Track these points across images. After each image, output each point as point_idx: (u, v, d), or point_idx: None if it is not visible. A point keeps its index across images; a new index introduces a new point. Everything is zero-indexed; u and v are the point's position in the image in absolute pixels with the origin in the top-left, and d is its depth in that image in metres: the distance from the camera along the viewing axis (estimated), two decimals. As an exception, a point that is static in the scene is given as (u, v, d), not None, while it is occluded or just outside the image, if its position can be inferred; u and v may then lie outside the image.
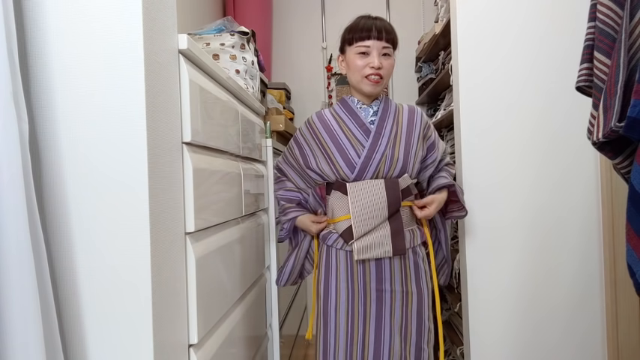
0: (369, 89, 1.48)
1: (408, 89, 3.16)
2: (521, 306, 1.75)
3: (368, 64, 1.45)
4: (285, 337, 1.99)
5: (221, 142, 1.18)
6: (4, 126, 0.65)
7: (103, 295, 0.80)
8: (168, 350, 0.86)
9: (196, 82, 1.01)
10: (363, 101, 1.54)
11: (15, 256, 0.66)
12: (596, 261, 1.73)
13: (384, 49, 1.47)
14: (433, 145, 1.60)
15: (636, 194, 0.86)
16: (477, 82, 1.75)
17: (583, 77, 1.04)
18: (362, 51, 1.46)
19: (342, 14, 1.56)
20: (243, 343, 1.33)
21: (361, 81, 1.48)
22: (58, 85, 0.79)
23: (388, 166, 1.47)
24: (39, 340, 0.68)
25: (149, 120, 0.80)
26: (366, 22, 1.48)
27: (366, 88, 1.49)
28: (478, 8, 1.75)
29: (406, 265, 1.51)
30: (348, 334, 1.49)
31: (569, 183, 1.74)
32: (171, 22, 0.93)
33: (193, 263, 0.97)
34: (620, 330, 1.67)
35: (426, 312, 1.52)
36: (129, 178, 0.79)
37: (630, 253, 0.89)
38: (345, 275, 1.51)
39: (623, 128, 0.86)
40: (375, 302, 1.49)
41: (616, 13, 0.96)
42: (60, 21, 0.78)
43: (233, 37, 1.60)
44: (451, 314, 2.38)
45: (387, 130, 1.50)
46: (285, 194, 1.66)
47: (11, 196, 0.65)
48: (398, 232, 1.46)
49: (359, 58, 1.47)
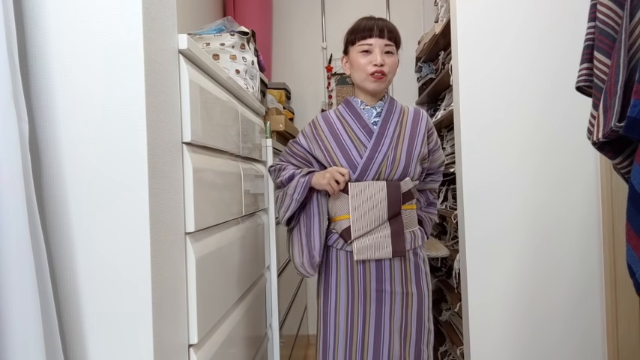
0: (373, 86, 1.48)
1: (408, 89, 3.16)
2: (521, 306, 1.75)
3: (371, 61, 1.46)
4: (285, 337, 1.99)
5: (221, 142, 1.18)
6: (4, 126, 0.65)
7: (103, 295, 0.80)
8: (168, 350, 0.86)
9: (196, 82, 1.01)
10: (366, 102, 1.54)
11: (15, 256, 0.66)
12: (596, 260, 1.74)
13: (387, 46, 1.47)
14: (433, 149, 1.59)
15: (636, 194, 0.86)
16: (477, 82, 1.76)
17: (583, 77, 1.05)
18: (364, 49, 1.47)
19: (342, 14, 1.56)
20: (243, 343, 1.33)
21: (365, 79, 1.48)
22: (58, 85, 0.79)
23: (390, 167, 1.47)
24: (39, 340, 0.68)
25: (149, 120, 0.80)
26: (368, 22, 1.49)
27: (370, 86, 1.49)
28: (478, 8, 1.76)
29: (406, 266, 1.51)
30: (347, 334, 1.50)
31: (569, 182, 1.74)
32: (171, 22, 0.93)
33: (193, 263, 0.97)
34: (620, 330, 1.67)
35: (426, 313, 1.52)
36: (129, 178, 0.79)
37: (630, 253, 0.89)
38: (345, 275, 1.51)
39: (623, 128, 0.86)
40: (375, 303, 1.49)
41: (616, 13, 0.96)
42: (60, 21, 0.78)
43: (233, 37, 1.60)
44: (451, 314, 2.38)
45: (389, 131, 1.50)
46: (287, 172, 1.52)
47: (11, 196, 0.65)
48: (398, 233, 1.46)
49: (362, 57, 1.47)
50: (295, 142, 1.60)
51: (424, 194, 1.66)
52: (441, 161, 1.64)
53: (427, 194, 1.66)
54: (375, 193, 1.46)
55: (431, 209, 1.67)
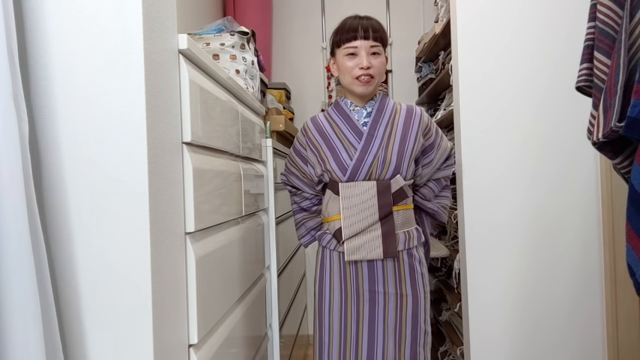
0: (361, 90, 1.48)
1: (408, 89, 3.16)
2: (521, 306, 1.75)
3: (357, 65, 1.45)
4: (285, 337, 1.99)
5: (221, 142, 1.18)
6: (4, 126, 0.65)
7: (103, 295, 0.80)
8: (169, 350, 0.86)
9: (196, 82, 1.01)
10: (356, 103, 1.54)
11: (15, 256, 0.66)
12: (596, 260, 1.73)
13: (373, 48, 1.45)
14: (432, 146, 1.58)
15: (636, 194, 0.86)
16: (477, 82, 1.75)
17: (583, 77, 1.05)
18: (350, 52, 1.46)
19: (342, 14, 1.55)
20: (243, 343, 1.33)
21: (352, 82, 1.47)
22: (58, 85, 0.79)
23: (381, 167, 1.46)
24: (39, 339, 0.68)
25: (149, 120, 0.80)
26: (352, 22, 1.47)
27: (357, 89, 1.48)
28: (478, 8, 1.75)
29: (400, 267, 1.50)
30: (341, 334, 1.50)
31: (569, 182, 1.74)
32: (171, 22, 0.93)
33: (193, 263, 0.97)
34: (620, 329, 1.67)
35: (422, 315, 1.51)
36: (129, 178, 0.79)
37: (630, 253, 0.89)
38: (338, 276, 1.51)
39: (623, 128, 0.86)
40: (368, 303, 1.49)
41: (616, 13, 0.96)
42: (60, 21, 0.78)
43: (233, 37, 1.60)
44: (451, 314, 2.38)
45: (379, 131, 1.49)
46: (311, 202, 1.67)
47: (11, 196, 0.65)
48: (389, 234, 1.46)
49: (348, 60, 1.46)
50: (291, 160, 1.65)
51: (438, 182, 1.65)
52: (449, 148, 1.64)
53: (441, 181, 1.65)
54: (365, 193, 1.46)
55: (443, 194, 1.66)
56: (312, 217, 1.67)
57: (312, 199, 1.65)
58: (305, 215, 1.67)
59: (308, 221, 1.67)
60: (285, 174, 1.70)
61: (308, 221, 1.67)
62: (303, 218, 1.68)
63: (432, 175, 1.62)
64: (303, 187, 1.64)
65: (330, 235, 1.52)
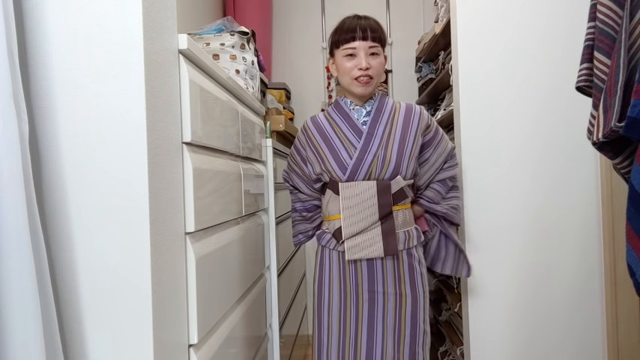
0: (360, 90, 1.48)
1: (408, 89, 3.15)
2: (521, 306, 1.75)
3: (356, 65, 1.45)
4: (285, 337, 1.99)
5: (221, 142, 1.18)
6: (4, 126, 0.65)
7: (103, 295, 0.80)
8: (169, 350, 0.86)
9: (196, 82, 1.01)
10: (355, 102, 1.54)
11: (15, 256, 0.66)
12: (596, 260, 1.74)
13: (371, 48, 1.45)
14: (428, 143, 1.56)
15: (636, 194, 0.86)
16: (477, 82, 1.76)
17: (583, 77, 1.05)
18: (349, 53, 1.46)
19: (342, 14, 1.55)
20: (243, 343, 1.33)
21: (351, 83, 1.48)
22: (58, 85, 0.79)
23: (380, 167, 1.46)
24: (39, 340, 0.68)
25: (149, 120, 0.80)
26: (351, 22, 1.47)
27: (357, 90, 1.48)
28: (478, 8, 1.76)
29: (399, 267, 1.50)
30: (340, 334, 1.50)
31: (569, 182, 1.74)
32: (171, 22, 0.93)
33: (193, 263, 0.97)
34: (620, 329, 1.67)
35: (422, 315, 1.51)
36: (129, 178, 0.79)
37: (630, 253, 0.89)
38: (337, 275, 1.51)
39: (623, 128, 0.86)
40: (368, 303, 1.49)
41: (616, 13, 0.96)
42: (60, 21, 0.78)
43: (233, 37, 1.60)
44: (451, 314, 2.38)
45: (379, 130, 1.49)
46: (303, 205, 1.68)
47: (11, 196, 0.65)
48: (389, 233, 1.46)
49: (347, 61, 1.46)
50: (292, 158, 1.66)
51: (444, 183, 1.63)
52: (449, 149, 1.62)
53: (446, 182, 1.63)
54: (365, 193, 1.46)
55: (452, 194, 1.64)
56: (302, 222, 1.69)
57: (306, 202, 1.66)
58: (296, 217, 1.71)
59: (298, 224, 1.70)
60: (287, 171, 1.71)
61: (298, 224, 1.70)
62: (295, 219, 1.72)
63: (432, 176, 1.61)
64: (302, 185, 1.65)
65: (330, 235, 1.52)
